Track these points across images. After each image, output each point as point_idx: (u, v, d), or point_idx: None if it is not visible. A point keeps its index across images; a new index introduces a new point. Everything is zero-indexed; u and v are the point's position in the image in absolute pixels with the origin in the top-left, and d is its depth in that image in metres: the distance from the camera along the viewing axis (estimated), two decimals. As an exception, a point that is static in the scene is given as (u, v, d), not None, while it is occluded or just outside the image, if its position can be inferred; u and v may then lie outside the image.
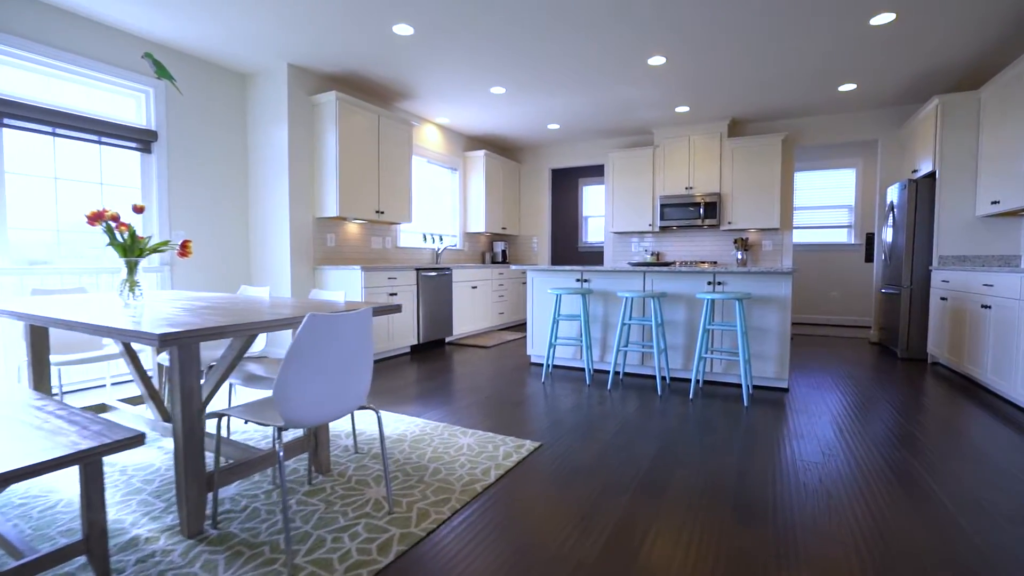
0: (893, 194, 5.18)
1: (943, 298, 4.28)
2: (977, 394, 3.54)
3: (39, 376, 2.47)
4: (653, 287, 4.01)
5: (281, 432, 1.57)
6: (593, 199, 9.12)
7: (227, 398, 3.22)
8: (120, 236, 2.21)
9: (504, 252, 7.37)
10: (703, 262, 6.14)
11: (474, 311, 6.04)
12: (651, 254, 6.79)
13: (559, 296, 3.97)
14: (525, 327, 6.89)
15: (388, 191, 5.09)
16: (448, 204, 6.75)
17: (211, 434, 2.15)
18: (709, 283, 3.83)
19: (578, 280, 4.33)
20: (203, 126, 4.32)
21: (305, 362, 1.52)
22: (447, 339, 5.73)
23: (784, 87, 4.88)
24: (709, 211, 6.00)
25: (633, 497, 2.03)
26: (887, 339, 5.26)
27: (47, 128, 3.40)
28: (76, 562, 1.54)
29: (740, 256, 6.12)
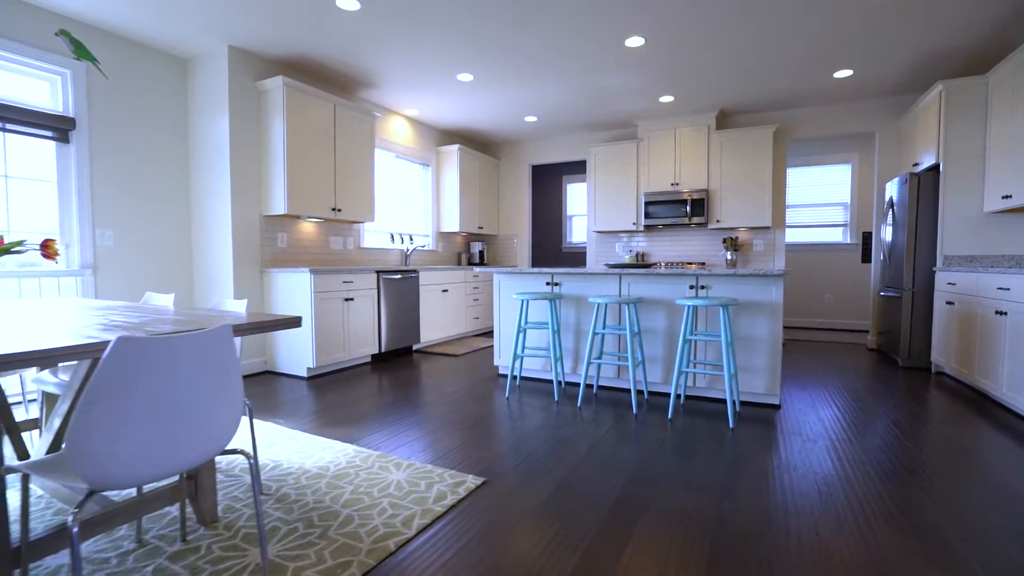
0: (892, 190, 4.80)
1: (949, 302, 3.90)
2: (991, 411, 3.15)
3: None
4: (630, 292, 3.61)
5: (89, 497, 1.16)
6: (578, 197, 8.72)
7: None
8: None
9: (482, 253, 6.94)
10: (690, 263, 5.74)
11: (444, 316, 5.62)
12: (635, 255, 6.38)
13: (525, 301, 3.55)
14: (503, 333, 6.47)
15: (347, 187, 4.67)
16: (420, 202, 6.33)
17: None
18: (692, 287, 3.42)
19: (548, 284, 3.92)
20: (136, 114, 3.89)
21: (117, 402, 1.11)
22: (414, 347, 5.31)
23: (775, 71, 4.49)
24: (696, 209, 5.61)
25: (587, 553, 1.63)
26: (887, 345, 4.87)
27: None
28: None
29: (730, 256, 5.73)
